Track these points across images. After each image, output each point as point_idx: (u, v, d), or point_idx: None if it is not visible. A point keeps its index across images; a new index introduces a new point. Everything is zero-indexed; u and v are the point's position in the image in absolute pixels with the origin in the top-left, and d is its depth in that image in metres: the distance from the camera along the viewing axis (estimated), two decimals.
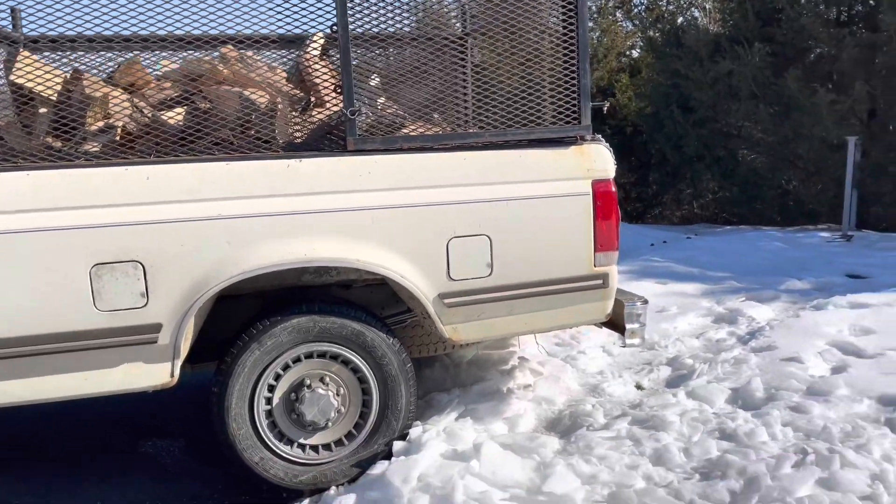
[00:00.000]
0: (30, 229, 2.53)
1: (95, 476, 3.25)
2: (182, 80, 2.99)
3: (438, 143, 2.93)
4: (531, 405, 3.55)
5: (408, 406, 3.05)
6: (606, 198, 3.07)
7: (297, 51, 3.60)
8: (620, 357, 4.57)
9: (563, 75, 2.99)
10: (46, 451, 3.55)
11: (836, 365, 3.99)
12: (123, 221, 2.62)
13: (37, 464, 3.41)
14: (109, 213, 2.61)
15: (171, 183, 2.67)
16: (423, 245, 2.90)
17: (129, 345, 2.68)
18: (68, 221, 2.56)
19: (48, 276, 2.56)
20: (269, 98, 2.91)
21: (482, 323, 3.07)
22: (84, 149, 2.81)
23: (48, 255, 2.55)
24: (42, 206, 2.54)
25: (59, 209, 2.56)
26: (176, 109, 3.00)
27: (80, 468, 3.35)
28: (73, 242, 2.58)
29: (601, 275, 3.11)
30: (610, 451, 2.95)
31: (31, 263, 2.54)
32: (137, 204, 2.64)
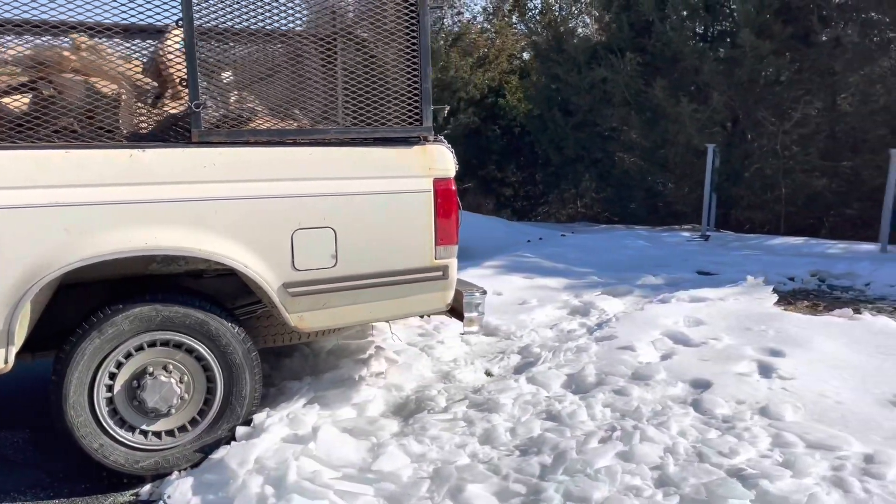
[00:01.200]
0: None
1: None
2: (27, 65, 2.96)
3: (285, 137, 3.04)
4: (381, 391, 3.72)
5: (252, 393, 3.15)
6: (446, 195, 3.27)
7: (155, 42, 3.61)
8: (478, 346, 4.82)
9: (407, 79, 3.16)
10: None
11: (664, 353, 4.37)
12: None
13: None
14: None
15: (7, 169, 2.66)
16: (267, 236, 3.01)
17: None
18: None
19: None
20: (115, 88, 2.94)
21: (328, 312, 3.21)
22: None
23: None
24: None
25: None
26: (14, 95, 2.97)
27: None
28: None
29: (441, 267, 3.31)
30: (443, 431, 3.16)
31: None
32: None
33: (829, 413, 3.38)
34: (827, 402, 3.49)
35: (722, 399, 3.51)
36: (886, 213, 8.88)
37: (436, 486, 2.70)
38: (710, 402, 3.47)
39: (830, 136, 10.24)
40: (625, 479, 2.68)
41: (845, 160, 10.23)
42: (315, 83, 3.11)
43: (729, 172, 10.05)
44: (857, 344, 4.37)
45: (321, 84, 3.13)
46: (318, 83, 3.12)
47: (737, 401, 3.51)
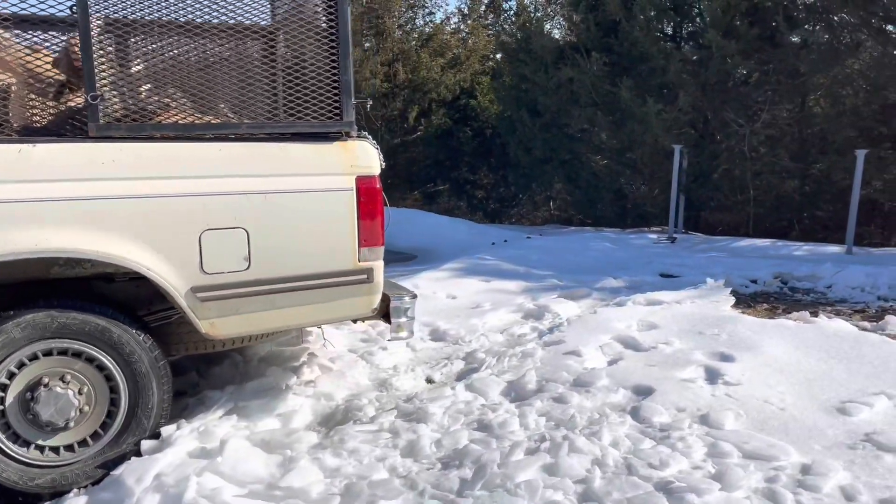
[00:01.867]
0: None
1: None
2: None
3: (192, 133, 2.86)
4: (309, 401, 3.54)
5: (160, 404, 2.96)
6: (370, 194, 3.11)
7: (69, 34, 3.42)
8: (423, 352, 4.65)
9: (325, 72, 3.00)
10: None
11: (612, 358, 4.23)
12: None
13: None
14: None
15: None
16: (172, 237, 2.83)
17: None
18: None
19: None
20: (3, 80, 2.75)
21: (242, 317, 3.03)
22: None
23: None
24: None
25: None
26: None
27: None
28: None
29: (365, 270, 3.14)
30: (364, 444, 2.99)
31: None
32: None
33: (772, 420, 3.24)
34: (770, 409, 3.36)
35: (662, 406, 3.37)
36: (853, 214, 8.84)
37: (346, 502, 2.53)
38: (649, 409, 3.33)
39: (799, 138, 10.20)
40: (546, 494, 2.53)
41: (814, 162, 10.19)
42: (227, 75, 2.93)
43: (697, 174, 9.98)
44: (809, 348, 4.25)
45: (233, 77, 2.95)
46: (230, 76, 2.94)
47: (677, 408, 3.38)
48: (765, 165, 9.90)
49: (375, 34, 15.76)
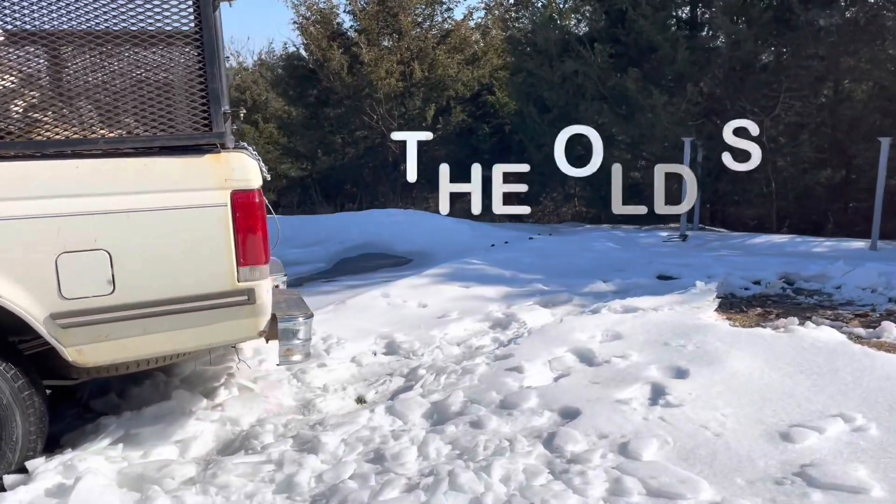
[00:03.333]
0: None
1: None
2: None
3: (41, 149, 2.70)
4: (213, 426, 3.36)
5: (27, 436, 2.81)
6: (248, 209, 2.89)
7: None
8: (368, 367, 4.43)
9: (191, 80, 2.80)
10: None
11: (558, 374, 3.94)
12: None
13: None
14: None
15: None
16: (25, 261, 2.67)
17: None
18: None
19: None
20: None
21: (113, 344, 2.85)
22: None
23: None
24: None
25: None
26: None
27: None
28: None
29: (246, 290, 2.93)
30: (239, 478, 2.79)
31: None
32: None
33: (700, 449, 2.92)
34: (704, 436, 3.03)
35: (582, 433, 3.07)
36: (878, 206, 8.26)
37: None
38: (566, 436, 3.04)
39: (822, 126, 9.61)
40: None
41: (840, 151, 9.59)
42: (82, 87, 2.76)
43: (711, 168, 9.49)
44: (778, 361, 3.88)
45: (89, 87, 2.78)
46: (86, 86, 2.77)
47: (599, 434, 3.08)
48: (786, 156, 9.35)
49: (391, 32, 15.59)
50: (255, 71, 24.92)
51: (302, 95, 16.56)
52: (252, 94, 24.28)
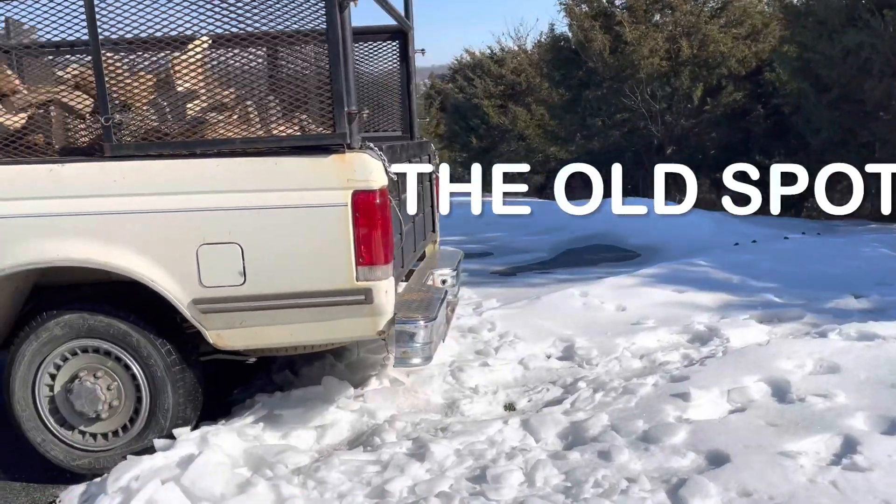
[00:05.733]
0: None
1: None
2: None
3: (191, 149, 2.94)
4: (351, 416, 3.46)
5: (176, 407, 3.13)
6: (369, 210, 2.89)
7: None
8: (535, 372, 4.25)
9: (318, 81, 2.85)
10: None
11: (732, 408, 3.41)
12: None
13: None
14: None
15: None
16: (173, 251, 2.94)
17: None
18: None
19: None
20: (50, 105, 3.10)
21: (246, 331, 3.05)
22: None
23: None
24: None
25: None
26: (10, 115, 3.28)
27: None
28: None
29: (363, 290, 2.93)
30: (340, 474, 2.83)
31: None
32: None
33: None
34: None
35: (721, 486, 2.62)
36: None
37: None
38: (697, 486, 2.61)
39: None
40: None
41: None
42: (223, 91, 2.95)
43: None
44: None
45: (230, 91, 2.96)
46: (227, 90, 2.95)
47: (741, 491, 2.59)
48: None
49: (662, 8, 14.70)
50: (532, 53, 25.25)
51: (565, 78, 16.38)
52: (527, 77, 24.69)
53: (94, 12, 2.84)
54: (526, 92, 24.20)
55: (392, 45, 4.67)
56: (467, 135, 24.89)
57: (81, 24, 2.90)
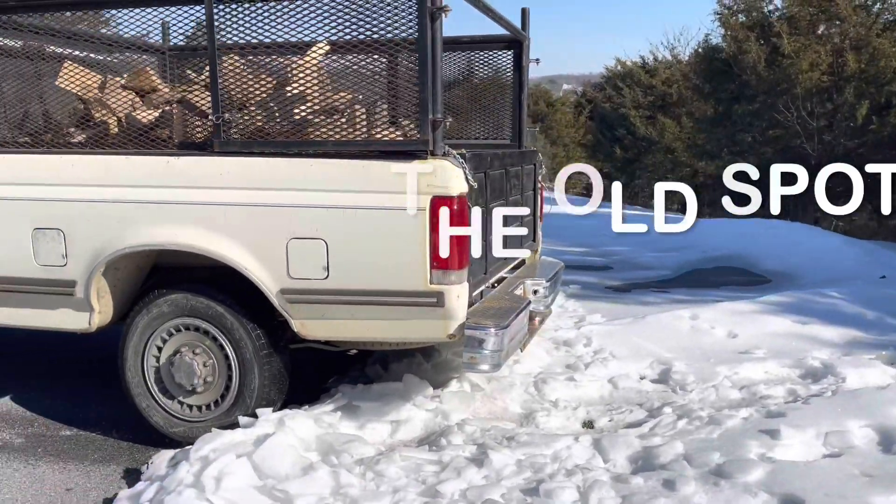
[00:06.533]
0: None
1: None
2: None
3: (287, 149, 3.14)
4: (425, 415, 3.54)
5: (261, 388, 3.34)
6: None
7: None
8: (622, 392, 4.14)
9: (406, 88, 2.95)
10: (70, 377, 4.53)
11: (827, 452, 3.18)
12: (49, 197, 3.37)
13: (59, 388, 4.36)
14: (43, 190, 3.38)
15: (86, 169, 3.35)
16: (266, 242, 3.16)
17: (57, 294, 3.45)
18: (11, 194, 3.40)
19: (4, 234, 3.44)
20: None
21: (328, 322, 3.22)
22: (74, 139, 3.62)
23: (2, 220, 3.43)
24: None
25: (7, 184, 3.41)
26: (146, 111, 3.66)
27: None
28: (20, 210, 3.41)
29: (436, 293, 3.01)
30: (399, 470, 2.91)
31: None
32: (63, 184, 3.36)
33: None
34: None
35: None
36: None
37: None
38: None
39: None
40: None
41: None
42: (320, 94, 3.12)
43: None
44: None
45: (324, 95, 3.12)
46: (324, 94, 3.12)
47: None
48: None
49: (828, 19, 13.72)
50: (686, 64, 24.39)
51: (716, 90, 15.69)
52: (679, 88, 23.86)
53: (213, 20, 3.11)
54: (677, 103, 23.42)
55: (507, 55, 4.72)
56: (612, 145, 24.42)
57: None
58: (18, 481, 3.21)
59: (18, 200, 3.41)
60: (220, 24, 3.13)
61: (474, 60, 4.74)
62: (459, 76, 4.81)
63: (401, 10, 2.91)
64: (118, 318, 3.59)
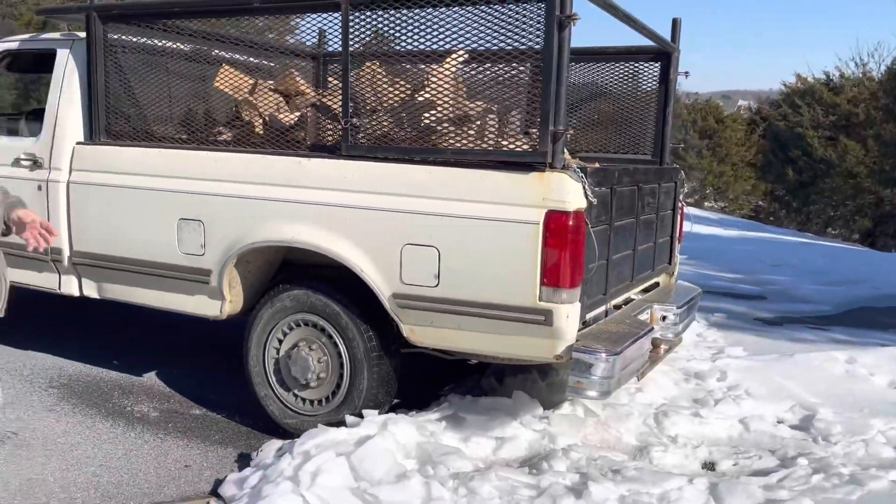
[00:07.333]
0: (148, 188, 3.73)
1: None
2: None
3: (409, 155, 3.15)
4: (532, 435, 3.43)
5: (369, 389, 3.38)
6: (560, 231, 2.84)
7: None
8: (754, 435, 3.80)
9: (529, 100, 2.87)
10: (204, 361, 4.81)
11: None
12: (193, 190, 3.61)
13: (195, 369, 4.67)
14: (189, 183, 3.63)
15: (226, 166, 3.56)
16: (381, 246, 3.18)
17: (194, 281, 3.69)
18: (162, 185, 3.68)
19: (154, 223, 3.72)
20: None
21: (435, 330, 3.19)
22: (222, 137, 3.87)
23: (154, 209, 3.71)
24: (142, 172, 3.72)
25: (154, 176, 3.69)
26: (288, 114, 3.84)
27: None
28: (165, 200, 3.69)
29: (544, 310, 2.89)
30: (493, 489, 2.83)
31: (146, 212, 3.74)
32: (206, 179, 3.59)
33: None
34: None
35: None
36: None
37: None
38: None
39: None
40: None
41: None
42: (453, 102, 3.11)
43: None
44: None
45: (456, 103, 3.11)
46: (456, 102, 3.10)
47: None
48: None
49: None
50: (877, 82, 22.33)
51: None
52: (867, 108, 21.83)
53: (348, 27, 3.19)
54: (863, 124, 21.47)
55: (653, 67, 4.50)
56: (784, 166, 22.77)
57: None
58: (146, 453, 3.45)
59: (169, 192, 3.68)
60: (353, 31, 3.20)
61: (617, 72, 4.56)
62: (601, 87, 4.64)
63: (528, 17, 2.84)
64: (247, 308, 3.78)
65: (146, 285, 3.86)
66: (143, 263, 3.78)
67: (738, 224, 17.12)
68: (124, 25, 3.88)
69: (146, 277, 3.82)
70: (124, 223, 3.78)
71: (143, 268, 3.80)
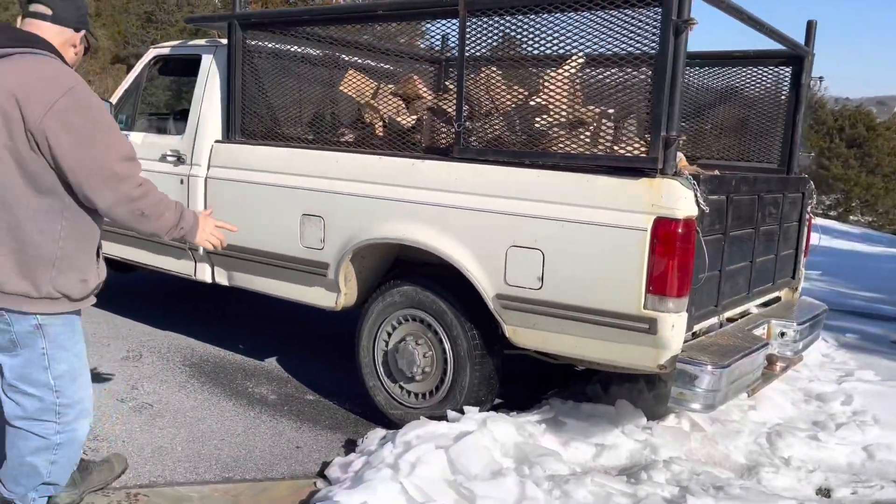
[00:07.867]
0: (269, 184, 3.98)
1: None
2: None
3: (518, 159, 3.20)
4: (633, 445, 3.37)
5: (470, 386, 3.45)
6: (668, 238, 2.79)
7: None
8: (878, 464, 3.56)
9: (642, 103, 2.85)
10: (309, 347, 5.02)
11: None
12: (316, 187, 3.82)
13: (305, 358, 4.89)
14: (312, 181, 3.85)
15: (347, 165, 3.74)
16: (488, 247, 3.25)
17: (313, 274, 3.91)
18: (288, 182, 3.91)
19: (280, 217, 3.97)
20: None
21: (537, 333, 3.22)
22: (345, 138, 4.09)
23: (280, 204, 3.96)
24: (271, 169, 3.97)
25: (281, 173, 3.94)
26: (407, 117, 3.99)
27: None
28: (290, 196, 3.92)
29: (649, 319, 2.84)
30: (587, 493, 2.81)
31: (273, 207, 3.99)
32: (328, 177, 3.79)
33: None
34: None
35: None
36: None
37: None
38: None
39: None
40: None
41: None
42: (568, 107, 3.13)
43: None
44: None
45: (572, 107, 3.13)
46: (572, 106, 3.12)
47: None
48: None
49: None
50: None
51: None
52: None
53: (465, 32, 3.28)
54: None
55: (783, 71, 4.31)
56: None
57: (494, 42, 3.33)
58: (262, 432, 3.69)
59: (294, 189, 3.91)
60: (470, 36, 3.28)
61: (745, 76, 4.39)
62: (726, 92, 4.49)
63: (644, 22, 2.82)
64: (360, 301, 3.95)
65: (270, 275, 4.11)
66: (269, 255, 4.04)
67: (883, 240, 15.88)
68: (262, 32, 4.16)
69: (271, 268, 4.07)
70: (254, 216, 4.05)
71: (268, 259, 4.05)
